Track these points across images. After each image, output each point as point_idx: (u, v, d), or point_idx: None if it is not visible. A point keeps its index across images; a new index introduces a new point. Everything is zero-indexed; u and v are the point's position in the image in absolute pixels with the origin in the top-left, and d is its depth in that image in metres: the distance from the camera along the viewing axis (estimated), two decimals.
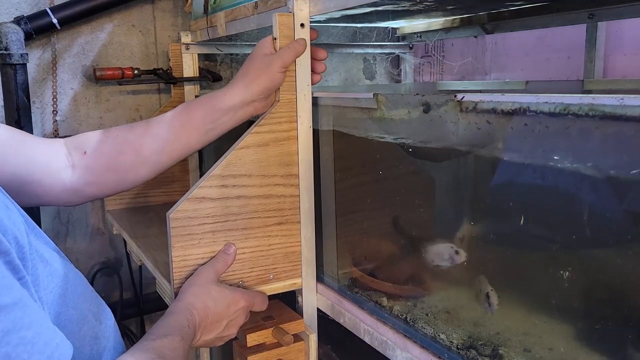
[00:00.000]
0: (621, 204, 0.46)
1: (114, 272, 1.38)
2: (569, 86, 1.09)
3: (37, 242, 0.55)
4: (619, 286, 0.49)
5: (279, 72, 0.75)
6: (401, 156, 0.71)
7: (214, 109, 0.77)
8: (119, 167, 0.78)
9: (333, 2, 0.74)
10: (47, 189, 0.75)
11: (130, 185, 0.80)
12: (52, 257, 0.57)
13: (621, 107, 0.43)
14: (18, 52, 1.12)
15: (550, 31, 1.23)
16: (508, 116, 0.53)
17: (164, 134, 0.78)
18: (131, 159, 0.78)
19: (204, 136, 0.78)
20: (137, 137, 0.78)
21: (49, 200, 0.77)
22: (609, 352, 0.49)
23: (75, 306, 0.57)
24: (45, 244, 0.58)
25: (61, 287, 0.55)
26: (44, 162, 0.75)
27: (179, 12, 1.39)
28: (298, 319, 0.83)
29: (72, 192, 0.77)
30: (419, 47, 1.59)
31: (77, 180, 0.77)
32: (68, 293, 0.56)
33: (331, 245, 0.86)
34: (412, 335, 0.68)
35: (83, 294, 0.60)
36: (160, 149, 0.78)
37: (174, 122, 0.78)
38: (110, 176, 0.78)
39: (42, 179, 0.74)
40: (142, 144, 0.78)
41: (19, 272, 0.46)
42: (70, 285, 0.57)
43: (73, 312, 0.56)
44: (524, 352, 0.56)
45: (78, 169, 0.77)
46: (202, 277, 0.72)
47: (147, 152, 0.78)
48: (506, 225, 0.58)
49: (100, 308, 0.63)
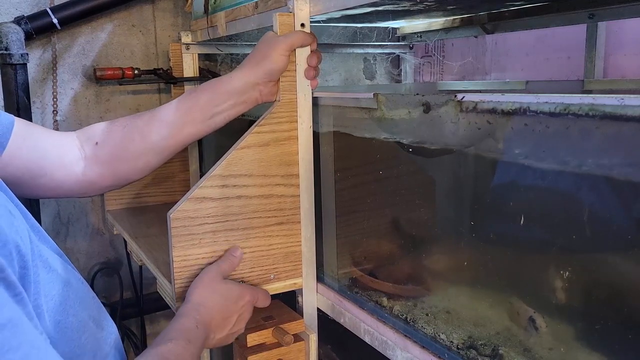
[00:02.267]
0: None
1: (114, 272, 1.38)
2: (569, 86, 1.10)
3: (42, 247, 0.54)
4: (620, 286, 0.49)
5: (282, 54, 0.75)
6: (401, 156, 0.71)
7: (219, 91, 0.77)
8: (128, 155, 0.78)
9: (333, 2, 0.74)
10: (59, 182, 0.75)
11: (141, 173, 0.81)
12: (55, 262, 0.56)
13: (621, 107, 0.43)
14: (18, 52, 1.12)
15: (550, 31, 1.23)
16: (508, 116, 0.53)
17: (171, 118, 0.78)
18: (140, 145, 0.78)
19: (210, 120, 0.78)
20: (144, 123, 0.78)
21: (63, 193, 0.78)
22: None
23: (75, 313, 0.56)
24: (50, 248, 0.57)
25: (62, 294, 0.55)
26: (57, 155, 0.75)
27: (179, 12, 1.39)
28: (298, 319, 0.83)
29: (86, 184, 0.78)
30: (419, 47, 1.59)
31: (90, 172, 0.77)
32: (69, 300, 0.56)
33: (331, 245, 0.86)
34: (412, 335, 0.68)
35: (84, 300, 0.60)
36: (167, 134, 0.78)
37: (180, 106, 0.78)
38: (121, 165, 0.78)
39: (54, 172, 0.74)
40: (150, 129, 0.78)
41: (14, 288, 0.44)
42: (71, 291, 0.57)
43: (73, 319, 0.56)
44: (524, 352, 0.56)
45: (90, 160, 0.77)
46: (208, 277, 0.72)
47: (155, 137, 0.78)
48: (508, 227, 0.58)
49: (101, 314, 0.63)
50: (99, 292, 1.39)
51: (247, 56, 0.80)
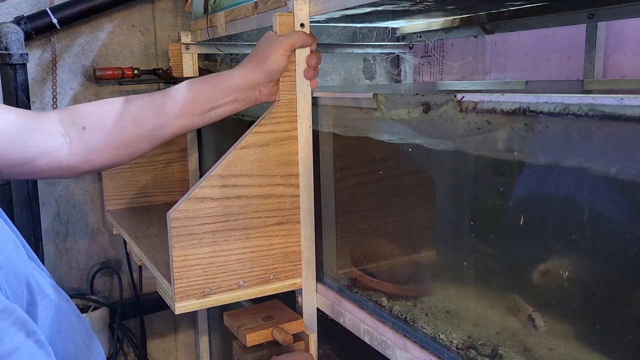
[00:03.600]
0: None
1: (114, 272, 1.38)
2: (569, 86, 1.10)
3: (36, 273, 0.53)
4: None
5: (283, 54, 0.75)
6: (401, 156, 0.71)
7: (219, 87, 0.77)
8: (120, 143, 0.76)
9: (333, 2, 0.74)
10: (40, 169, 0.73)
11: (129, 158, 0.79)
12: (46, 285, 0.55)
13: (621, 107, 0.43)
14: (18, 52, 1.12)
15: (550, 31, 1.23)
16: (508, 116, 0.53)
17: (168, 109, 0.77)
18: (133, 133, 0.76)
19: (206, 115, 0.78)
20: (138, 110, 0.76)
21: (42, 177, 0.76)
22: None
23: (70, 340, 0.55)
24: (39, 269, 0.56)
25: (57, 321, 0.54)
26: (40, 144, 0.72)
27: (179, 12, 1.39)
28: (298, 318, 0.83)
29: (67, 169, 0.76)
30: (418, 47, 1.59)
31: (75, 157, 0.75)
32: (63, 327, 0.55)
33: (331, 245, 0.86)
34: (412, 335, 0.68)
35: (74, 325, 0.58)
36: (162, 124, 0.77)
37: (178, 97, 0.77)
38: (111, 152, 0.77)
39: (36, 160, 0.72)
40: (144, 118, 0.76)
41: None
42: (63, 317, 0.55)
43: (69, 347, 0.55)
44: (524, 352, 0.56)
45: (76, 145, 0.75)
46: None
47: (150, 126, 0.76)
48: (508, 227, 0.58)
49: (90, 336, 0.62)
50: (99, 292, 1.39)
51: (247, 55, 0.79)
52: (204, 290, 0.76)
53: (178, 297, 0.74)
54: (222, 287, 0.77)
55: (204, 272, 0.76)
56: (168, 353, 1.52)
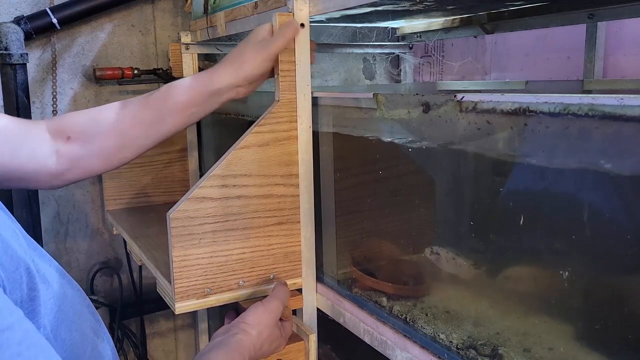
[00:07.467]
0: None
1: (114, 272, 1.38)
2: (569, 86, 1.10)
3: (39, 261, 0.53)
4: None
5: (264, 61, 0.75)
6: (401, 156, 0.71)
7: (201, 92, 0.77)
8: (104, 152, 0.77)
9: (333, 2, 0.74)
10: (29, 177, 0.74)
11: (115, 167, 0.80)
12: (51, 275, 0.55)
13: (621, 107, 0.43)
14: (18, 52, 1.12)
15: (550, 31, 1.23)
16: (508, 116, 0.53)
17: (150, 118, 0.77)
18: (117, 143, 0.77)
19: (188, 118, 0.79)
20: (122, 121, 0.77)
21: (30, 186, 0.77)
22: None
23: (77, 328, 0.55)
24: (42, 257, 0.56)
25: (61, 309, 0.54)
26: (27, 153, 0.73)
27: (179, 12, 1.39)
28: (297, 295, 0.83)
29: (54, 177, 0.76)
30: (418, 47, 1.59)
31: (61, 166, 0.76)
32: (69, 315, 0.55)
33: (331, 245, 0.86)
34: (412, 335, 0.68)
35: (82, 311, 0.58)
36: (145, 134, 0.78)
37: (159, 106, 0.77)
38: (96, 161, 0.77)
39: (23, 167, 0.73)
40: (127, 128, 0.77)
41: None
42: (68, 305, 0.55)
43: (76, 334, 0.55)
44: (524, 352, 0.56)
45: (62, 155, 0.76)
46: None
47: (134, 134, 0.77)
48: (508, 227, 0.58)
49: (98, 322, 0.62)
50: (99, 292, 1.39)
51: (227, 55, 0.79)
52: (204, 290, 0.76)
53: (178, 297, 0.74)
54: (222, 287, 0.77)
55: (204, 272, 0.76)
56: (168, 353, 1.52)
